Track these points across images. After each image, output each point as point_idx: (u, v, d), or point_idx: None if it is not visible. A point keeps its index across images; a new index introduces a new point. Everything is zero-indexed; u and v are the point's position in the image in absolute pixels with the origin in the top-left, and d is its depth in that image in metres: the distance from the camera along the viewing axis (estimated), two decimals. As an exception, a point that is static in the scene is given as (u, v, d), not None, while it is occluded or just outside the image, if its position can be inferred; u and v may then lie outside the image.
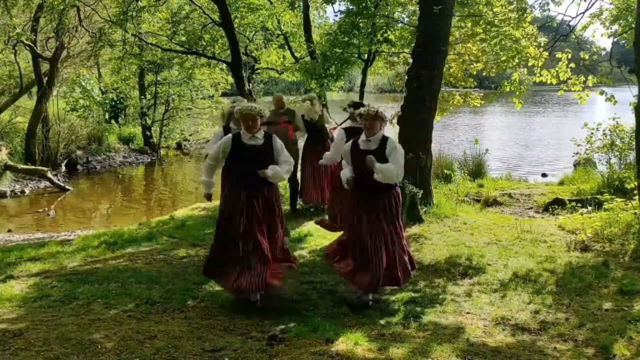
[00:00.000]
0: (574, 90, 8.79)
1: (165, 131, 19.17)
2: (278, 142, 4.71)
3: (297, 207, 8.27)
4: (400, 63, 11.52)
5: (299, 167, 8.41)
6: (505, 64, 9.08)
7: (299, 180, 8.25)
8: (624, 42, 8.80)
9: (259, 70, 15.14)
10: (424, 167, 7.42)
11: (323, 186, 8.05)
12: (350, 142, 4.83)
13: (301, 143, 8.19)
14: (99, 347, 3.63)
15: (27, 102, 18.76)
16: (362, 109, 4.70)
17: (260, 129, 4.65)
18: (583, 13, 8.69)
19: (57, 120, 16.81)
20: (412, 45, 8.02)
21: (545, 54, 8.95)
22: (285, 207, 8.30)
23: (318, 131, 8.03)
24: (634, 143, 7.61)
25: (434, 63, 7.32)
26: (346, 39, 8.81)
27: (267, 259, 4.50)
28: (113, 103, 19.77)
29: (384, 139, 4.63)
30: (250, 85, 11.69)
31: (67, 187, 13.35)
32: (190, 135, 20.57)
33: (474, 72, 11.11)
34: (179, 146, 20.09)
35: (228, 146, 4.63)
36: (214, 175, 4.89)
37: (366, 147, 4.61)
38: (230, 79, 16.73)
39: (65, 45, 15.04)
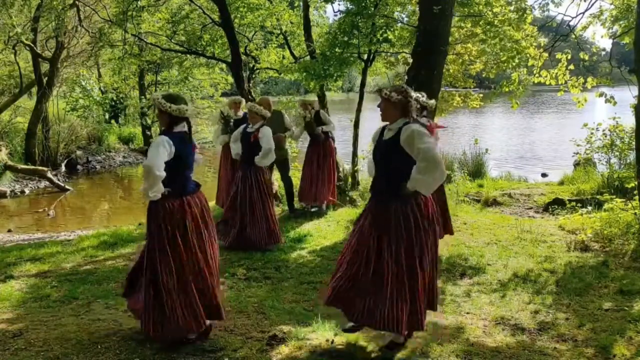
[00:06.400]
0: (573, 93, 8.78)
1: (165, 131, 19.11)
2: None
3: (296, 207, 8.26)
4: (400, 63, 11.52)
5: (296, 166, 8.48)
6: (505, 64, 9.08)
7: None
8: (624, 42, 8.78)
9: (259, 70, 15.12)
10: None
11: (319, 186, 8.06)
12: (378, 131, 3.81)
13: (304, 144, 8.27)
14: (99, 347, 3.63)
15: (27, 102, 18.75)
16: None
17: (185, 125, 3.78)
18: (583, 13, 8.71)
19: (57, 120, 16.81)
20: (412, 45, 8.02)
21: (545, 54, 8.94)
22: (285, 207, 8.33)
23: (312, 133, 8.10)
24: (634, 143, 7.60)
25: (433, 63, 7.32)
26: (346, 38, 8.80)
27: None
28: (113, 103, 19.78)
29: (402, 126, 3.55)
30: (250, 84, 11.66)
31: (67, 187, 13.34)
32: (189, 135, 20.51)
33: (474, 73, 11.10)
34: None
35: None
36: None
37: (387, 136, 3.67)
38: (230, 79, 16.72)
39: (65, 45, 15.04)
